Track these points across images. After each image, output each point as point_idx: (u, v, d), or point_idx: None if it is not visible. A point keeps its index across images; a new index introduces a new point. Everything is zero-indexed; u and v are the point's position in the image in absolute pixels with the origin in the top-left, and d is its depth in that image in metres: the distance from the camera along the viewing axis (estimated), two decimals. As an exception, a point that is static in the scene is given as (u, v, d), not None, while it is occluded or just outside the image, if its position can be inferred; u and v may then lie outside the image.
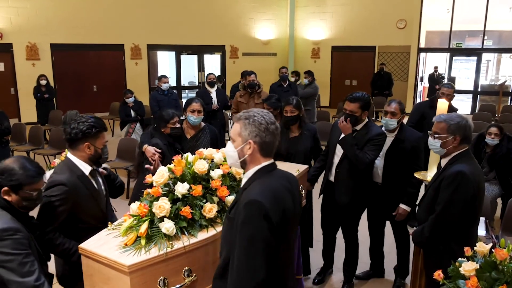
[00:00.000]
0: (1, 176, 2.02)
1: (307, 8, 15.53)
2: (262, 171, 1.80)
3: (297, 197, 1.88)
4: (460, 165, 2.56)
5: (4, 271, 1.96)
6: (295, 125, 3.88)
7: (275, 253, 1.71)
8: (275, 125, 1.82)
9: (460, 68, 16.20)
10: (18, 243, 1.97)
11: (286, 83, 7.72)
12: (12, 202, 2.05)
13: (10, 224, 1.98)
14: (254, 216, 1.65)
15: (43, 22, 11.39)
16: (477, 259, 2.07)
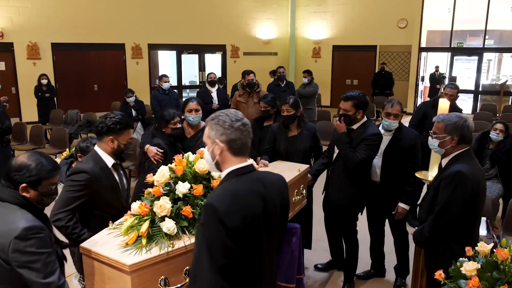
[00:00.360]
0: (19, 173, 1.97)
1: (308, 7, 15.52)
2: (231, 174, 1.77)
3: (274, 201, 1.81)
4: (459, 165, 2.55)
5: (28, 271, 1.87)
6: (294, 125, 3.90)
7: (239, 257, 1.68)
8: (242, 121, 1.76)
9: (461, 67, 16.17)
10: (42, 242, 1.91)
11: (283, 82, 7.71)
12: (31, 198, 2.01)
13: (33, 222, 1.92)
14: (209, 220, 1.65)
15: (44, 21, 11.40)
16: (478, 259, 2.07)
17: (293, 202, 3.17)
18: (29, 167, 1.97)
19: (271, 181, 1.86)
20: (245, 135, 1.77)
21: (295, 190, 3.20)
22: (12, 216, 1.92)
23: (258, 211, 1.73)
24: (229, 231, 1.63)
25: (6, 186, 2.00)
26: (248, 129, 1.79)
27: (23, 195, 1.98)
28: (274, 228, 1.85)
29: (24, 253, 1.87)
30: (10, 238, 1.86)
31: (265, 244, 1.79)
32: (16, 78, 11.36)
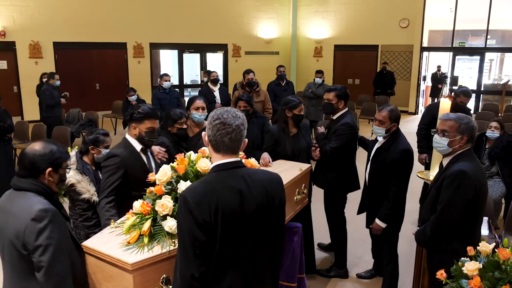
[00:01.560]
0: (43, 159, 2.02)
1: (310, 7, 15.51)
2: (213, 168, 1.85)
3: (256, 199, 1.80)
4: (461, 163, 2.56)
5: (38, 255, 1.88)
6: (291, 124, 3.89)
7: (209, 249, 1.73)
8: (222, 120, 1.79)
9: (463, 67, 16.15)
10: (57, 226, 1.94)
11: (284, 81, 7.75)
12: (52, 183, 2.08)
13: (49, 206, 1.97)
14: (181, 210, 1.74)
15: (46, 20, 11.41)
16: (480, 259, 2.07)
17: (295, 201, 3.17)
18: (50, 151, 2.05)
19: (258, 179, 1.86)
20: (221, 134, 1.79)
21: (297, 189, 3.20)
22: (29, 201, 1.96)
23: (233, 207, 1.75)
24: (198, 222, 1.70)
25: (22, 176, 2.03)
26: (228, 129, 1.78)
27: (48, 179, 2.04)
28: (258, 226, 1.83)
29: (38, 234, 1.88)
30: (26, 221, 1.89)
31: (244, 240, 1.80)
32: (18, 77, 11.38)
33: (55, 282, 1.89)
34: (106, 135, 3.30)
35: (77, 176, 3.05)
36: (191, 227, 1.70)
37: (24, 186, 2.00)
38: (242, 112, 1.93)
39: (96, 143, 3.22)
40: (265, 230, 1.87)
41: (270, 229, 1.90)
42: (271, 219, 1.89)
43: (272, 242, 1.93)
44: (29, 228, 1.88)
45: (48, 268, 1.88)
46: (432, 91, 14.12)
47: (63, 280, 1.92)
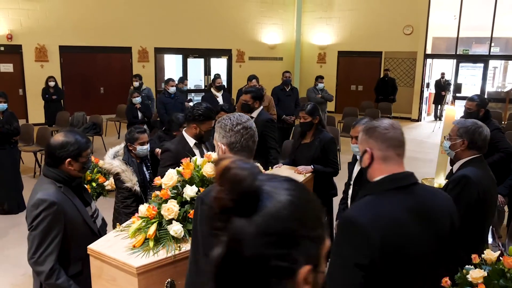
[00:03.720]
0: (63, 149, 2.22)
1: (314, 13, 15.56)
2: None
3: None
4: (467, 169, 2.57)
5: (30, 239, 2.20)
6: (310, 132, 3.88)
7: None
8: (244, 125, 1.81)
9: (467, 74, 16.15)
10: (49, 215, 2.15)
11: (288, 87, 7.79)
12: (74, 170, 2.27)
13: (49, 196, 2.17)
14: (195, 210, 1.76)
15: (52, 24, 11.49)
16: (485, 267, 2.07)
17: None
18: (70, 142, 2.24)
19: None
20: (246, 138, 1.81)
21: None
22: (39, 188, 2.23)
23: None
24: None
25: (47, 165, 2.29)
26: (250, 132, 1.82)
27: (68, 168, 2.24)
28: None
29: (30, 218, 2.18)
30: (29, 205, 2.22)
31: None
32: (23, 80, 11.45)
33: (35, 261, 2.17)
34: (142, 133, 3.52)
35: (123, 166, 3.33)
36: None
37: (46, 173, 2.28)
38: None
39: (131, 141, 3.48)
40: None
41: None
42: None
43: None
44: (28, 212, 2.21)
45: (32, 246, 2.18)
46: (435, 98, 14.11)
47: (43, 262, 2.16)
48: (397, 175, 1.65)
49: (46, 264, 2.17)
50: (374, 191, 1.67)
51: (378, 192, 1.65)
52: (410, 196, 1.62)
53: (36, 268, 2.19)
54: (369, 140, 1.71)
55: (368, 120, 2.95)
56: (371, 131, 1.72)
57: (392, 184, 1.63)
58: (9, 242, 4.86)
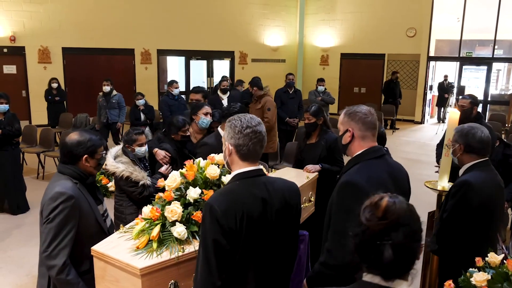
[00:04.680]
0: (79, 147, 2.33)
1: (317, 15, 15.57)
2: (236, 176, 1.84)
3: (277, 207, 1.81)
4: (470, 174, 2.57)
5: (43, 232, 2.26)
6: (315, 133, 3.97)
7: (232, 258, 1.73)
8: (253, 129, 1.80)
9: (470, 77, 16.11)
10: (67, 209, 2.22)
11: (292, 89, 7.80)
12: (90, 167, 2.38)
13: (68, 190, 2.25)
14: (206, 218, 1.73)
15: (55, 26, 11.54)
16: (489, 270, 2.06)
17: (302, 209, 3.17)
18: (85, 140, 2.34)
19: (279, 187, 1.86)
20: (254, 143, 1.80)
21: (304, 197, 3.21)
22: (57, 183, 2.30)
23: (257, 214, 1.75)
24: (224, 231, 1.68)
25: (63, 162, 2.37)
26: (259, 137, 1.81)
27: (85, 165, 2.35)
28: (276, 234, 1.84)
29: (47, 211, 2.23)
30: (46, 199, 2.27)
31: (264, 247, 1.80)
32: (27, 82, 11.50)
33: (48, 254, 2.22)
34: (139, 134, 3.54)
35: (130, 168, 3.33)
36: (217, 236, 1.69)
37: (62, 170, 2.36)
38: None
39: (129, 142, 3.50)
40: (283, 237, 1.87)
41: (287, 236, 1.91)
42: (288, 226, 1.90)
43: (288, 249, 1.94)
44: (46, 205, 2.26)
45: (46, 239, 2.23)
46: (438, 101, 14.10)
47: (56, 255, 2.22)
48: (374, 147, 2.10)
49: (59, 258, 2.21)
50: (360, 160, 2.07)
51: (363, 161, 2.06)
52: (385, 163, 2.11)
53: (48, 262, 2.22)
54: (351, 122, 2.10)
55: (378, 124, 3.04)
56: (353, 115, 2.10)
57: (372, 154, 2.07)
58: (13, 243, 4.88)
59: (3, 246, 4.84)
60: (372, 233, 1.17)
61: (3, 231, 5.23)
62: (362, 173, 2.00)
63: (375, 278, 1.22)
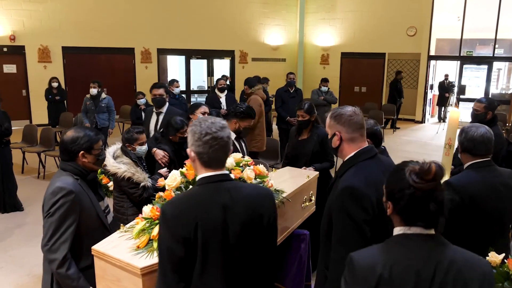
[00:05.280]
0: (74, 144, 2.35)
1: (317, 14, 15.56)
2: (199, 181, 1.75)
3: (241, 216, 1.69)
4: (457, 174, 2.60)
5: (44, 225, 2.29)
6: (306, 129, 4.14)
7: (186, 265, 1.65)
8: (213, 135, 1.69)
9: (471, 76, 16.10)
10: (67, 203, 2.26)
11: (292, 88, 7.80)
12: (89, 163, 2.40)
13: (68, 185, 2.28)
14: (160, 223, 1.68)
15: (55, 25, 11.54)
16: (489, 269, 2.06)
17: (302, 208, 3.18)
18: (80, 136, 2.37)
19: (246, 193, 1.76)
20: (215, 150, 1.70)
21: (304, 196, 3.21)
22: (58, 179, 2.33)
23: (215, 222, 1.65)
24: (176, 238, 1.62)
25: (63, 159, 2.42)
26: (221, 143, 1.71)
27: (83, 161, 2.38)
28: (243, 244, 1.71)
29: (48, 206, 2.27)
30: (47, 193, 2.30)
31: (228, 258, 1.69)
32: (27, 81, 11.50)
33: (49, 248, 2.25)
34: (140, 133, 3.51)
35: (132, 169, 3.29)
36: (170, 243, 1.63)
37: (63, 167, 2.40)
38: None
39: (130, 141, 3.46)
40: (252, 248, 1.74)
41: (258, 248, 1.77)
42: (259, 237, 1.76)
43: (262, 262, 1.80)
44: (47, 199, 2.30)
45: (47, 233, 2.26)
46: (439, 100, 14.08)
47: (57, 249, 2.24)
48: (366, 148, 2.07)
49: (59, 252, 2.24)
50: (354, 163, 2.03)
51: (357, 163, 2.02)
52: (379, 162, 2.08)
53: (49, 255, 2.25)
54: (337, 125, 2.07)
55: (372, 122, 3.01)
56: (339, 117, 2.06)
57: (365, 155, 2.04)
58: (14, 243, 4.88)
59: (4, 245, 4.84)
60: (421, 193, 1.41)
61: (4, 230, 5.23)
62: (359, 176, 1.96)
63: (416, 229, 1.45)
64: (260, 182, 2.57)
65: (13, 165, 6.00)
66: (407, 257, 1.40)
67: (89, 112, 7.57)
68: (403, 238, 1.46)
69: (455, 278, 1.37)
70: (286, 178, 3.23)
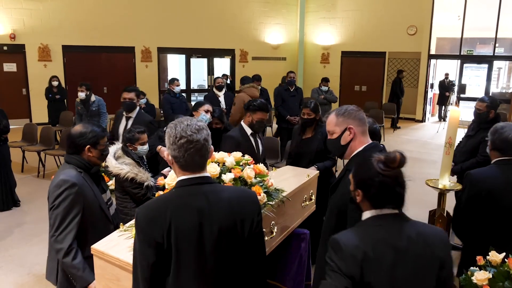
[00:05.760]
0: (81, 138, 2.46)
1: (317, 13, 15.54)
2: (177, 184, 1.71)
3: (219, 221, 1.62)
4: (479, 168, 2.79)
5: (51, 217, 2.38)
6: (311, 128, 4.15)
7: (162, 272, 1.61)
8: (188, 138, 1.63)
9: (471, 75, 16.09)
10: (71, 195, 2.35)
11: (293, 87, 7.79)
12: (93, 157, 2.50)
13: (72, 177, 2.38)
14: (135, 227, 1.64)
15: (55, 24, 11.53)
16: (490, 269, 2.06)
17: (302, 207, 3.17)
18: (87, 131, 2.48)
19: (226, 197, 1.67)
20: (190, 154, 1.64)
21: (304, 195, 3.20)
22: (62, 172, 2.44)
23: (189, 227, 1.59)
24: (148, 241, 1.58)
25: (68, 153, 2.51)
26: (197, 146, 1.64)
27: (88, 155, 2.48)
28: (222, 251, 1.63)
29: (53, 198, 2.37)
30: (51, 186, 2.41)
31: (205, 265, 1.62)
32: (27, 80, 11.48)
33: (55, 238, 2.35)
34: (141, 133, 3.52)
35: (135, 170, 3.30)
36: (142, 247, 1.58)
37: (68, 160, 2.50)
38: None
39: (132, 141, 3.47)
40: (232, 257, 1.66)
41: (240, 256, 1.68)
42: (241, 243, 1.67)
43: (246, 272, 1.71)
44: (51, 192, 2.40)
45: (53, 224, 2.36)
46: (439, 99, 14.07)
47: (62, 239, 2.34)
48: (373, 143, 2.17)
49: (65, 241, 2.34)
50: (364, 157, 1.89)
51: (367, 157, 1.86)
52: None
53: (56, 245, 2.36)
54: (348, 120, 2.13)
55: (371, 121, 3.00)
56: (348, 113, 2.15)
57: (374, 149, 2.04)
58: (14, 242, 4.88)
59: (4, 244, 4.84)
60: (388, 180, 1.58)
61: (4, 229, 5.23)
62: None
63: (385, 210, 1.62)
64: (260, 181, 2.56)
65: (13, 164, 6.00)
66: (384, 235, 1.57)
67: (82, 116, 7.26)
68: (378, 219, 1.62)
69: (423, 245, 1.57)
70: (286, 177, 3.22)
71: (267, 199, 2.48)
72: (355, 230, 1.62)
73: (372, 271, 1.52)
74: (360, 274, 1.51)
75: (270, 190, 2.60)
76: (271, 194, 2.59)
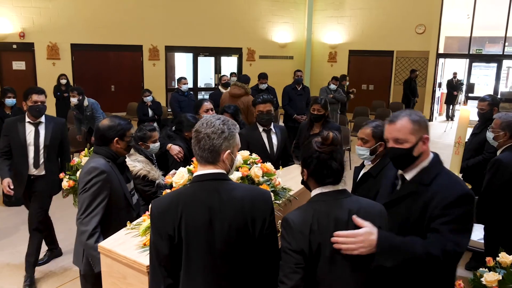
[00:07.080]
0: (110, 131, 2.65)
1: (325, 11, 15.48)
2: (192, 179, 1.79)
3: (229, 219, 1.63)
4: (502, 154, 3.22)
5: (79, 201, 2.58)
6: (318, 124, 4.19)
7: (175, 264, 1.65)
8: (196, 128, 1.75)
9: (480, 74, 15.95)
10: (99, 181, 2.51)
11: (300, 86, 7.77)
12: (120, 148, 2.69)
13: (100, 165, 2.56)
14: (150, 219, 1.73)
15: (64, 22, 11.59)
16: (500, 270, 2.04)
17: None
18: (115, 125, 2.68)
19: (238, 196, 1.67)
20: (194, 142, 1.75)
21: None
22: (91, 160, 2.63)
23: (200, 223, 1.62)
24: (161, 234, 1.64)
25: (97, 145, 2.71)
26: (198, 137, 1.72)
27: (116, 146, 2.67)
28: (234, 248, 1.65)
29: (83, 183, 2.53)
30: (82, 173, 2.59)
31: (216, 262, 1.64)
32: (35, 78, 11.57)
33: (81, 221, 2.50)
34: (153, 130, 3.53)
35: (147, 167, 3.34)
36: (156, 239, 1.65)
37: (97, 151, 2.70)
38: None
39: (143, 139, 3.49)
40: (243, 254, 1.67)
41: (252, 254, 1.68)
42: (252, 242, 1.67)
43: (258, 269, 1.71)
44: (81, 178, 2.58)
45: (81, 207, 2.52)
46: (447, 98, 13.98)
47: (88, 222, 2.48)
48: (435, 153, 1.99)
49: (90, 224, 2.47)
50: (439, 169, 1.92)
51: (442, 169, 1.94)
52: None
53: (81, 227, 2.50)
54: (422, 128, 1.92)
55: (379, 122, 2.71)
56: (420, 121, 1.93)
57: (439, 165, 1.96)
58: (21, 238, 4.90)
59: (12, 241, 4.87)
60: (324, 155, 1.73)
61: (12, 226, 5.27)
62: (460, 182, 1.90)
63: (328, 187, 1.75)
64: (267, 180, 2.56)
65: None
66: (327, 209, 1.70)
67: (80, 120, 7.08)
68: (322, 196, 1.75)
69: (364, 217, 1.70)
70: (293, 175, 3.21)
71: (274, 198, 2.48)
72: (303, 207, 1.75)
73: (317, 241, 1.65)
74: (309, 247, 1.64)
75: (277, 189, 2.59)
76: (278, 193, 2.58)
